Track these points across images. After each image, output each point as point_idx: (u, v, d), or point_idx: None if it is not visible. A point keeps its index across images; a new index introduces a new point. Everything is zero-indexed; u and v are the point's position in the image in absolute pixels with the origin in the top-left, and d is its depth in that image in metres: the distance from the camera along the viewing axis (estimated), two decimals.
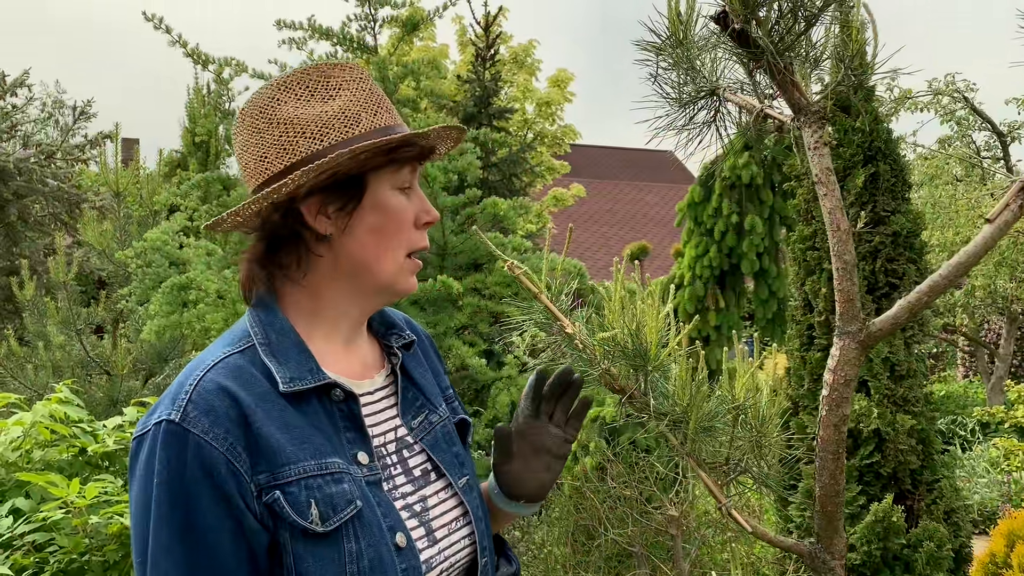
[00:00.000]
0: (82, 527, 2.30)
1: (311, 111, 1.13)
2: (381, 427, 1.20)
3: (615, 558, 3.66)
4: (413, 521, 1.16)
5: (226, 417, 1.03)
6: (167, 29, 4.16)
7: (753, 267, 5.83)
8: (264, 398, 1.07)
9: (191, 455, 1.01)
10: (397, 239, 1.17)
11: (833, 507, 1.53)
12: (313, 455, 1.07)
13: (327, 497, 1.05)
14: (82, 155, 9.36)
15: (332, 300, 1.18)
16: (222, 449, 1.02)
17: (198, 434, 1.02)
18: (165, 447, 1.02)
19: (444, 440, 1.27)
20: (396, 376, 1.25)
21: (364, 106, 1.15)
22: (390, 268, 1.17)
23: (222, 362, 1.09)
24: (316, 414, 1.11)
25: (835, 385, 1.40)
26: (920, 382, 3.61)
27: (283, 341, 1.13)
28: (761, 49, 1.45)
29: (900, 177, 3.74)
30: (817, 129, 1.44)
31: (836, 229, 1.36)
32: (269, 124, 1.13)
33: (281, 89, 1.14)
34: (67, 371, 4.57)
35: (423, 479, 1.21)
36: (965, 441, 9.25)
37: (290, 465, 1.05)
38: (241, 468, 1.03)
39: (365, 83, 1.17)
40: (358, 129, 1.13)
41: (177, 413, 1.03)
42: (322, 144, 1.12)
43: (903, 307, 1.34)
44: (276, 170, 1.12)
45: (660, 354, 1.63)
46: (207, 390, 1.05)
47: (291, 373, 1.10)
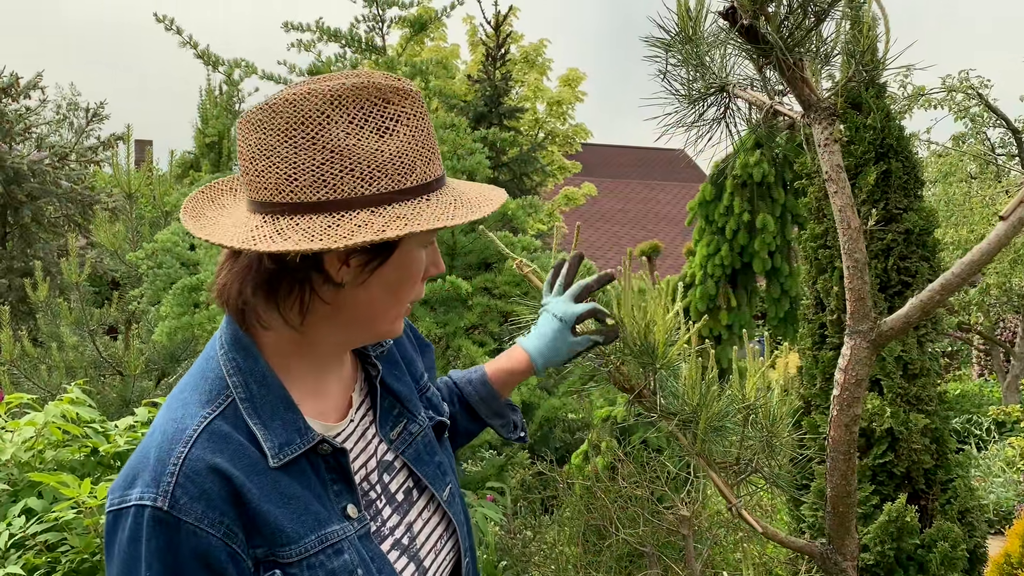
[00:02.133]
0: (93, 527, 2.31)
1: (364, 145, 0.98)
2: (362, 457, 1.14)
3: (626, 558, 3.65)
4: (403, 560, 1.12)
5: (219, 499, 0.95)
6: (178, 30, 4.17)
7: (765, 266, 5.79)
8: (254, 470, 0.98)
9: (185, 545, 0.93)
10: (406, 294, 1.10)
11: (845, 508, 1.52)
12: (313, 528, 1.01)
13: (330, 573, 1.01)
14: (95, 157, 9.42)
15: (322, 344, 1.09)
16: (219, 535, 0.95)
17: (191, 523, 0.94)
18: (155, 536, 0.93)
19: (426, 451, 1.21)
20: (374, 388, 1.19)
21: (420, 152, 1.02)
22: (389, 321, 1.10)
23: (206, 431, 0.98)
24: (304, 473, 1.03)
25: (846, 385, 1.38)
26: (934, 381, 3.58)
27: (266, 395, 1.03)
28: (770, 45, 1.43)
29: (912, 174, 3.71)
30: (827, 126, 1.43)
31: (847, 227, 1.34)
32: (312, 143, 0.97)
33: (333, 104, 0.97)
34: (80, 372, 4.60)
35: (406, 502, 1.17)
36: (981, 440, 9.17)
37: (291, 545, 0.99)
38: (238, 549, 0.96)
39: (423, 119, 1.04)
40: (411, 180, 1.00)
41: (164, 499, 0.94)
42: (370, 189, 0.98)
43: (915, 306, 1.32)
44: (306, 199, 0.97)
45: (669, 352, 1.62)
46: (196, 471, 0.95)
47: (279, 439, 1.01)
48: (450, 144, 3.63)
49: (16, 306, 7.80)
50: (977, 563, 3.47)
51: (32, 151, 8.67)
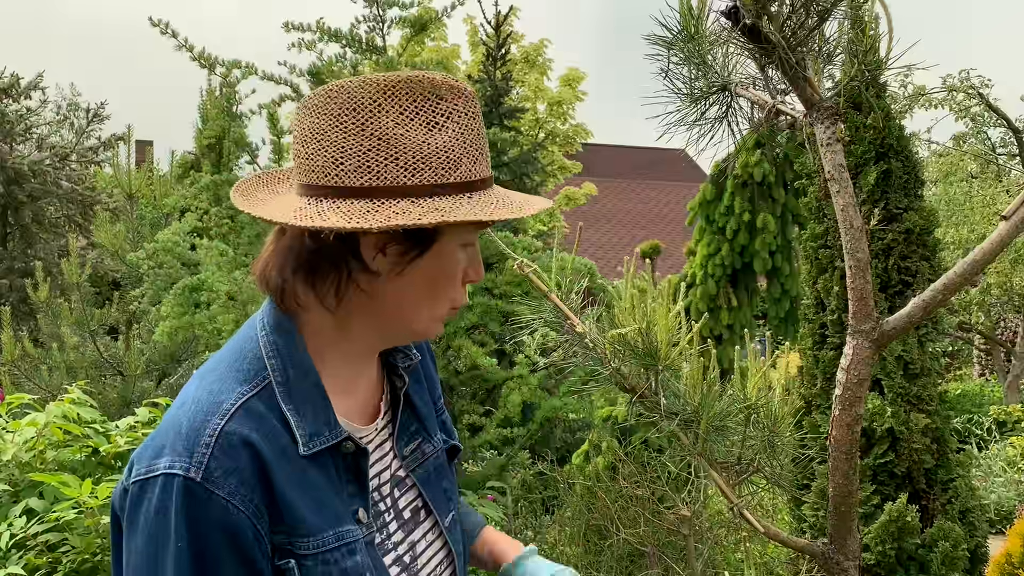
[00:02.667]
0: (94, 527, 2.31)
1: (412, 136, 0.99)
2: (378, 466, 1.13)
3: (627, 558, 3.65)
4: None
5: (251, 476, 0.94)
6: (173, 34, 4.17)
7: (765, 265, 5.79)
8: (284, 454, 0.98)
9: (214, 519, 0.92)
10: (444, 293, 1.08)
11: (846, 507, 1.51)
12: (331, 523, 1.00)
13: (343, 572, 1.00)
14: (96, 157, 9.41)
15: (357, 335, 1.08)
16: (248, 512, 0.94)
17: (223, 496, 0.93)
18: (185, 507, 0.92)
19: (436, 474, 1.20)
20: (398, 400, 1.18)
21: (467, 150, 1.02)
22: (425, 319, 1.09)
23: (243, 407, 0.98)
24: (326, 467, 1.03)
25: (848, 384, 1.38)
26: (935, 381, 3.58)
27: (302, 383, 1.03)
28: (773, 45, 1.43)
29: (913, 174, 3.71)
30: (830, 125, 1.43)
31: (849, 227, 1.34)
32: (361, 130, 0.98)
33: (387, 94, 0.99)
34: (81, 372, 4.60)
35: (412, 521, 1.15)
36: (982, 440, 9.17)
37: (310, 537, 0.98)
38: (263, 530, 0.95)
39: (475, 119, 1.04)
40: (455, 175, 1.00)
41: (198, 470, 0.93)
42: (413, 180, 0.98)
43: (917, 305, 1.32)
44: (350, 184, 0.98)
45: (671, 353, 1.62)
46: (232, 445, 0.95)
47: (310, 429, 1.01)
48: None
49: (17, 306, 7.80)
50: (978, 563, 3.47)
51: (33, 151, 8.67)
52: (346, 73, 3.92)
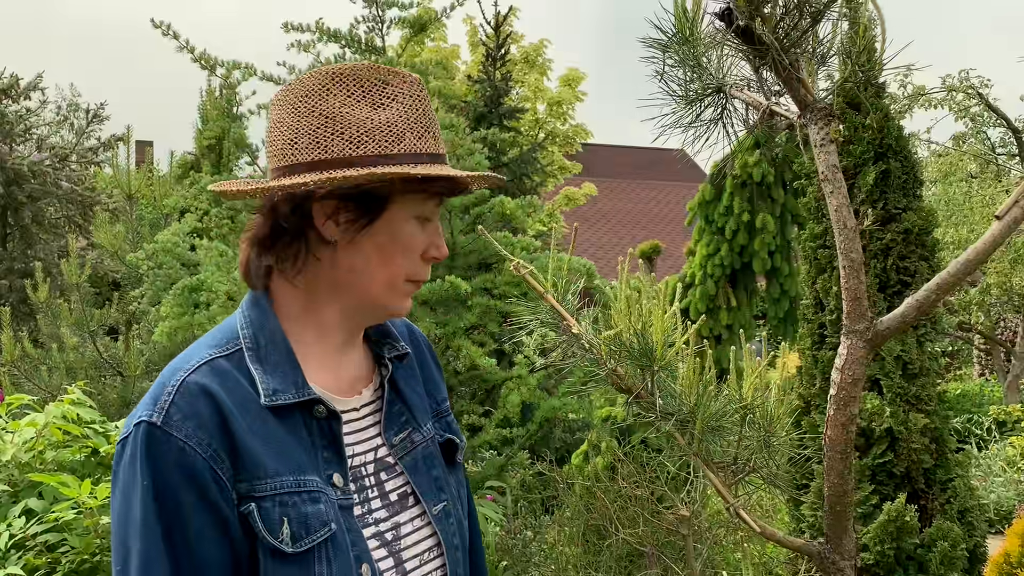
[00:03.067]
0: (93, 527, 2.31)
1: (356, 113, 1.08)
2: (362, 446, 1.16)
3: (626, 558, 3.65)
4: (382, 551, 1.12)
5: (210, 422, 1.00)
6: (175, 35, 4.17)
7: (765, 266, 5.79)
8: (245, 406, 1.03)
9: (174, 460, 0.98)
10: (398, 264, 1.13)
11: (842, 507, 1.52)
12: (292, 471, 1.04)
13: (301, 516, 1.02)
14: (95, 158, 9.41)
15: (323, 308, 1.14)
16: (205, 455, 0.99)
17: (180, 438, 0.99)
18: (147, 450, 0.99)
19: (424, 462, 1.21)
20: (384, 388, 1.20)
21: (412, 125, 1.10)
22: (382, 287, 1.13)
23: (207, 364, 1.05)
24: (296, 428, 1.07)
25: (843, 384, 1.39)
26: (933, 380, 3.58)
27: (272, 348, 1.09)
28: (766, 46, 1.44)
29: (911, 174, 3.71)
30: (823, 126, 1.43)
31: (843, 227, 1.34)
32: (310, 111, 1.08)
33: (334, 79, 1.09)
34: (80, 373, 4.60)
35: (399, 504, 1.17)
36: (981, 440, 9.17)
37: (267, 479, 1.02)
38: (223, 475, 1.00)
39: (420, 101, 1.12)
40: (399, 147, 1.08)
41: (159, 415, 1.00)
42: (357, 151, 1.07)
43: (911, 305, 1.33)
44: (302, 160, 1.08)
45: (667, 353, 1.63)
46: (191, 392, 1.01)
47: (275, 385, 1.06)
48: (448, 144, 3.63)
49: (17, 307, 7.80)
50: (977, 563, 3.47)
51: (33, 152, 8.67)
52: None
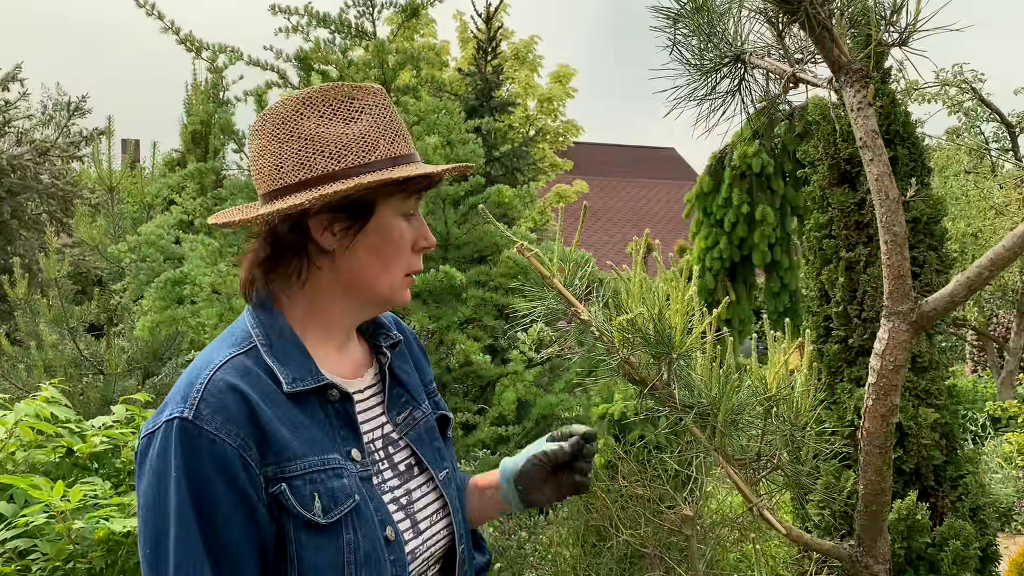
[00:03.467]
0: (66, 532, 2.17)
1: (332, 131, 1.18)
2: (370, 424, 1.27)
3: (627, 559, 3.52)
4: (400, 514, 1.23)
5: (238, 413, 1.09)
6: (159, 15, 4.03)
7: (765, 258, 5.67)
8: (270, 396, 1.13)
9: (206, 451, 1.07)
10: (396, 261, 1.23)
11: (879, 506, 1.39)
12: (316, 451, 1.14)
13: (329, 491, 1.12)
14: (76, 152, 9.22)
15: (328, 309, 1.24)
16: (235, 445, 1.08)
17: (211, 431, 1.08)
18: (180, 444, 1.08)
19: (427, 435, 1.33)
20: (384, 375, 1.32)
21: (383, 133, 1.20)
22: (387, 285, 1.24)
23: (229, 362, 1.14)
24: (315, 412, 1.17)
25: (883, 371, 1.26)
26: (943, 374, 3.48)
27: (283, 343, 1.19)
28: (798, 1, 1.31)
29: (919, 161, 3.60)
30: (860, 88, 1.30)
31: (884, 198, 1.22)
32: (290, 136, 1.18)
33: (306, 104, 1.19)
34: (60, 371, 4.44)
35: (407, 473, 1.28)
36: (976, 436, 9.09)
37: (296, 460, 1.12)
38: (252, 462, 1.09)
39: (387, 110, 1.23)
40: (375, 155, 1.18)
41: (190, 411, 1.09)
42: (339, 165, 1.17)
43: (960, 283, 1.20)
44: (291, 182, 1.17)
45: (686, 340, 1.50)
46: (218, 388, 1.11)
47: (293, 374, 1.16)
48: (443, 130, 3.49)
49: None
50: (988, 562, 3.36)
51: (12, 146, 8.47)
52: (335, 59, 3.79)
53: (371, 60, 3.79)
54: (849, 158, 3.56)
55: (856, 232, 3.51)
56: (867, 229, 3.47)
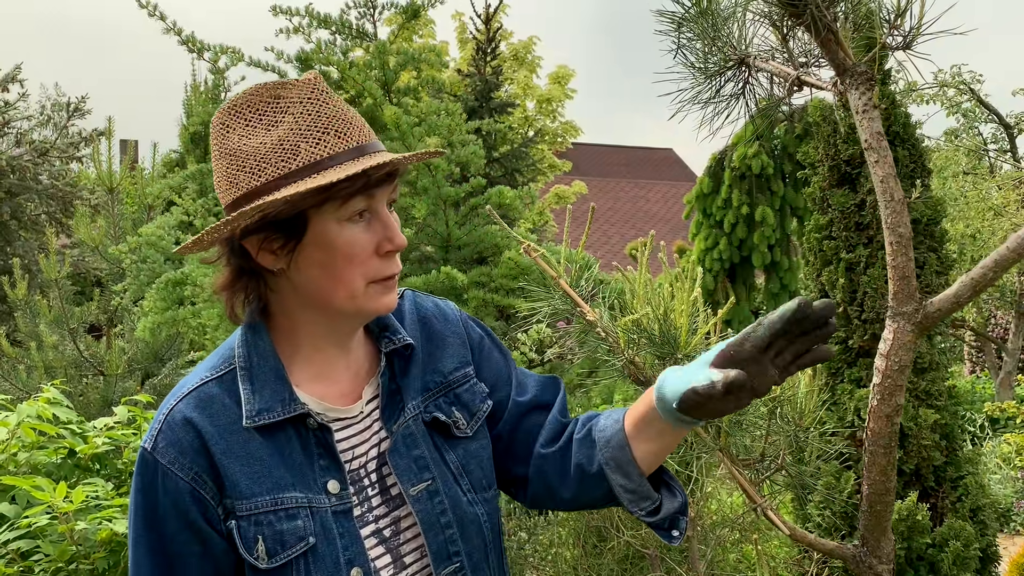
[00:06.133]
0: (68, 533, 2.17)
1: (252, 142, 1.09)
2: (363, 447, 1.19)
3: (628, 560, 3.53)
4: (379, 549, 1.16)
5: (191, 449, 1.09)
6: (161, 16, 4.03)
7: (764, 260, 5.67)
8: (229, 429, 1.10)
9: (160, 483, 1.09)
10: (348, 272, 1.11)
11: (883, 506, 1.40)
12: (270, 489, 1.10)
13: (276, 534, 1.09)
14: (76, 152, 9.22)
15: (307, 326, 1.17)
16: (187, 479, 1.08)
17: (165, 464, 1.08)
18: (140, 473, 1.10)
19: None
20: (383, 385, 1.22)
21: (305, 134, 1.08)
22: (346, 297, 1.13)
23: (195, 391, 1.13)
24: (288, 442, 1.13)
25: (888, 372, 1.27)
26: (943, 375, 3.49)
27: (263, 366, 1.14)
28: (804, 2, 1.32)
29: (919, 163, 3.61)
30: (865, 91, 1.31)
31: (890, 199, 1.22)
32: (220, 153, 1.12)
33: (231, 115, 1.12)
34: (60, 372, 4.44)
35: (400, 498, 1.19)
36: (975, 437, 9.11)
37: (243, 500, 1.09)
38: (207, 495, 1.08)
39: (315, 103, 1.10)
40: (295, 162, 1.07)
41: (150, 442, 1.10)
42: (259, 180, 1.08)
43: (965, 284, 1.21)
44: (227, 202, 1.12)
45: (691, 340, 1.50)
46: (175, 421, 1.10)
47: (260, 404, 1.12)
48: (444, 131, 3.50)
49: None
50: (988, 562, 3.37)
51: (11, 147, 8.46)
52: (335, 60, 3.79)
53: (371, 61, 3.79)
54: (849, 159, 3.57)
55: (856, 233, 3.52)
56: (867, 230, 3.48)
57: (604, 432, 1.23)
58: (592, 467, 1.23)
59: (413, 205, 3.52)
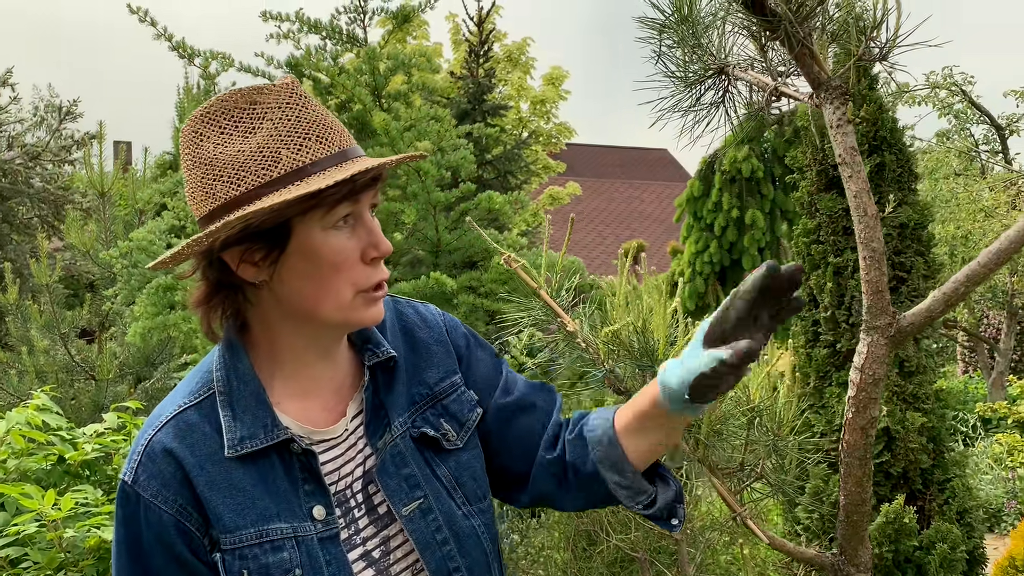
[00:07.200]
0: (57, 541, 2.18)
1: (230, 150, 1.05)
2: (348, 467, 1.16)
3: (617, 563, 3.54)
4: (368, 572, 1.13)
5: (173, 480, 1.06)
6: (152, 22, 4.04)
7: (755, 262, 5.69)
8: (211, 459, 1.07)
9: (143, 516, 1.06)
10: (336, 281, 1.08)
11: (859, 516, 1.42)
12: (254, 522, 1.07)
13: (262, 568, 1.07)
14: (68, 156, 9.20)
15: (287, 339, 1.13)
16: (171, 511, 1.05)
17: (148, 497, 1.05)
18: (122, 506, 1.07)
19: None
20: (366, 400, 1.18)
21: (286, 140, 1.05)
22: (333, 308, 1.09)
23: (174, 419, 1.09)
24: (271, 469, 1.09)
25: (862, 385, 1.28)
26: (930, 378, 3.51)
27: (243, 390, 1.10)
28: (778, 17, 1.33)
29: (906, 167, 3.63)
30: (840, 105, 1.33)
31: (863, 214, 1.24)
32: (195, 162, 1.07)
33: (204, 122, 1.07)
34: (51, 376, 4.44)
35: (387, 516, 1.16)
36: (967, 437, 9.15)
37: (228, 533, 1.06)
38: (192, 527, 1.06)
39: (293, 108, 1.07)
40: (276, 170, 1.04)
41: (130, 475, 1.07)
42: (239, 189, 1.04)
43: (937, 299, 1.22)
44: (203, 214, 1.07)
45: (669, 352, 1.52)
46: (155, 452, 1.07)
47: (242, 432, 1.08)
48: (434, 136, 3.51)
49: None
50: (975, 564, 3.39)
51: (3, 150, 8.45)
52: (325, 65, 3.80)
53: (362, 66, 3.80)
54: (836, 164, 3.59)
55: (844, 238, 3.53)
56: (855, 235, 3.50)
57: (594, 432, 1.23)
58: (587, 467, 1.23)
59: (403, 210, 3.53)
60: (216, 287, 1.10)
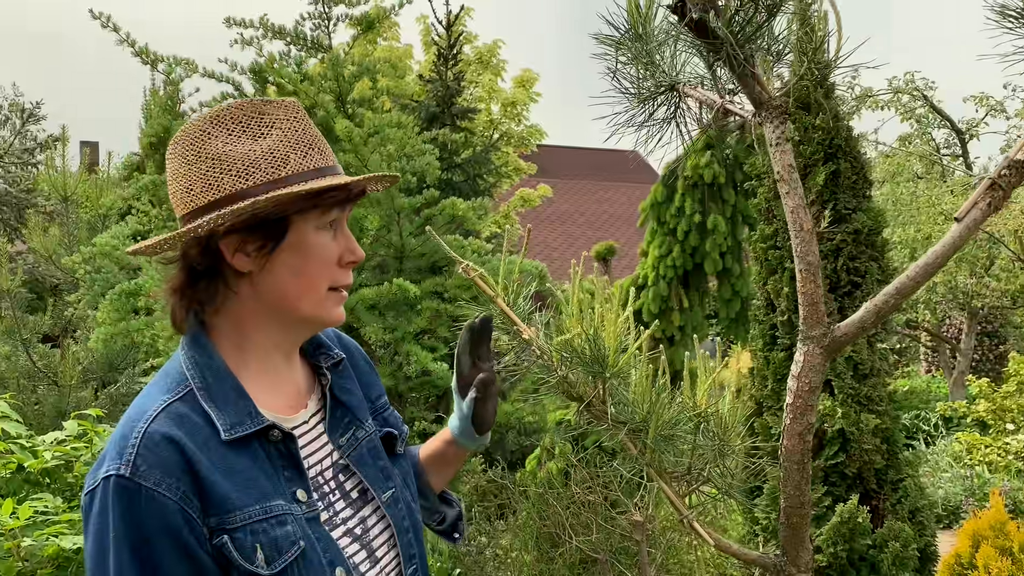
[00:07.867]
0: (15, 550, 2.18)
1: (240, 148, 1.14)
2: (318, 455, 1.24)
3: (580, 565, 3.59)
4: (355, 546, 1.22)
5: (175, 466, 1.07)
6: (115, 27, 4.01)
7: (716, 266, 5.80)
8: (207, 445, 1.10)
9: (145, 507, 1.05)
10: (318, 277, 1.19)
11: (799, 518, 1.47)
12: (257, 499, 1.11)
13: (272, 540, 1.10)
14: (32, 159, 9.07)
15: (257, 333, 1.20)
16: (175, 498, 1.06)
17: (150, 487, 1.05)
18: (119, 501, 1.05)
19: (369, 455, 1.30)
20: (326, 397, 1.28)
21: (294, 146, 1.16)
22: (311, 304, 1.19)
23: (164, 411, 1.11)
24: (256, 456, 1.14)
25: (799, 392, 1.34)
26: (884, 381, 3.59)
27: (220, 384, 1.15)
28: (720, 40, 1.38)
29: (861, 175, 3.72)
30: (779, 124, 1.38)
31: (799, 229, 1.29)
32: (198, 157, 1.14)
33: (213, 122, 1.15)
34: (12, 383, 4.40)
35: (360, 500, 1.26)
36: (929, 436, 9.33)
37: (236, 511, 1.09)
38: (194, 514, 1.07)
39: (299, 122, 1.18)
40: (285, 170, 1.14)
41: (127, 467, 1.06)
42: (247, 183, 1.12)
43: (870, 311, 1.28)
44: (199, 204, 1.13)
45: (619, 360, 1.56)
46: (154, 441, 1.08)
47: (231, 420, 1.13)
48: (397, 143, 3.53)
49: None
50: (927, 561, 3.48)
51: None
52: (290, 72, 3.81)
53: (327, 72, 3.82)
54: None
55: None
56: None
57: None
58: None
59: (367, 216, 3.55)
60: (198, 275, 1.16)
